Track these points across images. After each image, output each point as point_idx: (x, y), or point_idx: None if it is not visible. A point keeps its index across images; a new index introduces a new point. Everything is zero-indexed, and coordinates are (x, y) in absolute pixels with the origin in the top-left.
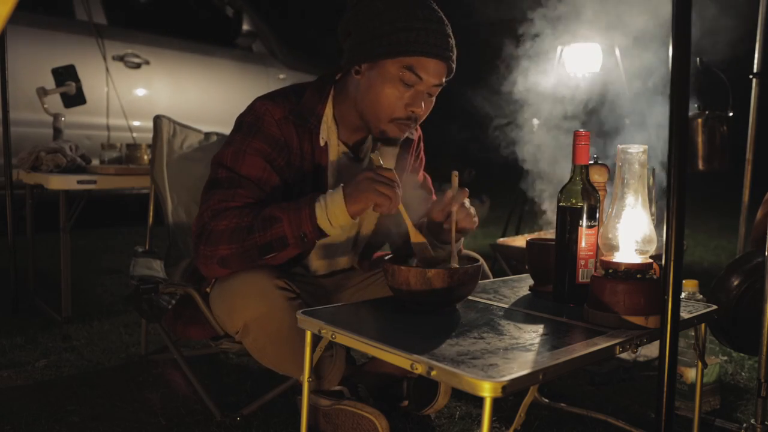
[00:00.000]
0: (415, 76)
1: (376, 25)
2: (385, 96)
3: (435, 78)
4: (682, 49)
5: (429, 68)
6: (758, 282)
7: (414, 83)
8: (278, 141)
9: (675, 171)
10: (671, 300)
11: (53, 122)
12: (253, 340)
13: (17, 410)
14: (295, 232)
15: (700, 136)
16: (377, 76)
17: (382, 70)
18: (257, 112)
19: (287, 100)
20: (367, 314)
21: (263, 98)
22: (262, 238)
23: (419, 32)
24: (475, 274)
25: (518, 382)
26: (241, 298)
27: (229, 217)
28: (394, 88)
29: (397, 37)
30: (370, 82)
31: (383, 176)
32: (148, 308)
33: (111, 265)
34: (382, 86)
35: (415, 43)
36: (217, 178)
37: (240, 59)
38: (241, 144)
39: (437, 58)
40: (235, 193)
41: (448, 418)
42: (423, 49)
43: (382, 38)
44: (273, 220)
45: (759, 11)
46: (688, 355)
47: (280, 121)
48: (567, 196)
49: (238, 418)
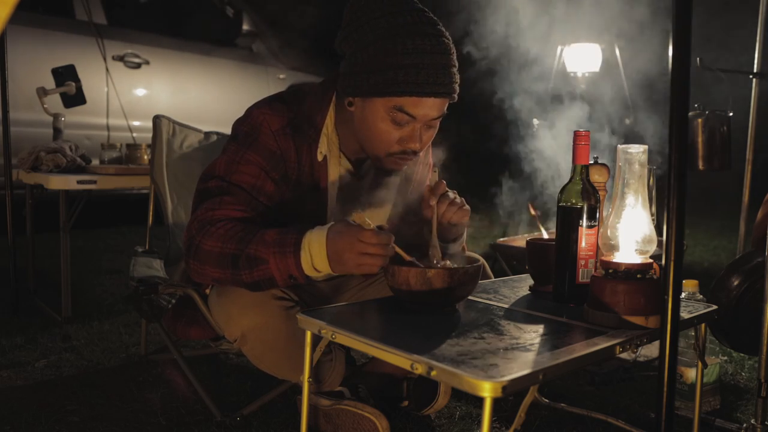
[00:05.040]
0: (407, 116)
1: (364, 58)
2: (378, 133)
3: (431, 113)
4: (682, 49)
5: (422, 107)
6: (758, 282)
7: (407, 122)
8: (274, 154)
9: (675, 171)
10: (671, 300)
11: (53, 122)
12: (250, 348)
13: (17, 410)
14: (283, 275)
15: (700, 136)
16: (369, 112)
17: (372, 107)
18: (254, 121)
19: (286, 108)
20: (367, 314)
21: (261, 105)
22: (249, 277)
23: (408, 70)
24: (475, 274)
25: (518, 382)
26: (238, 307)
27: (214, 237)
28: (387, 126)
29: (385, 76)
30: (363, 116)
31: (368, 245)
32: (148, 308)
33: (111, 265)
34: (374, 123)
35: (404, 84)
36: (207, 187)
37: (240, 59)
38: (234, 154)
39: (430, 96)
40: (221, 201)
41: (448, 418)
42: (413, 90)
43: (370, 75)
44: (258, 261)
45: (759, 11)
46: (688, 355)
47: (277, 133)
48: (567, 196)
49: (238, 418)
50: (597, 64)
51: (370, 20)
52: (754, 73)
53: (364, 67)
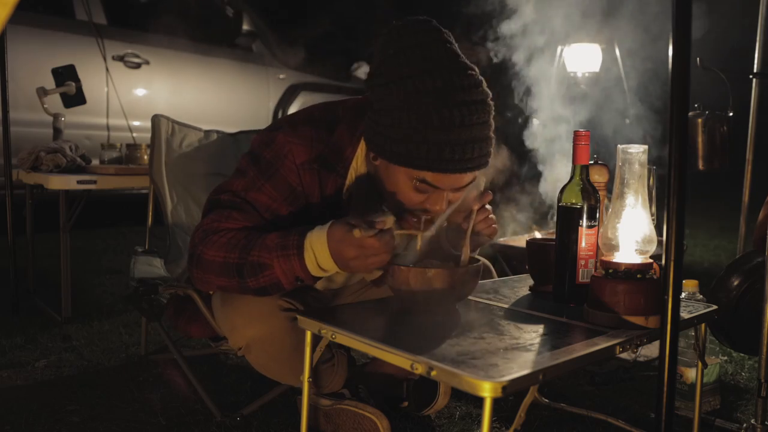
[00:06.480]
0: (429, 186)
1: (387, 122)
2: (401, 195)
3: (457, 184)
4: (682, 49)
5: (446, 180)
6: (758, 282)
7: (429, 191)
8: (294, 190)
9: (675, 171)
10: (671, 300)
11: (53, 122)
12: (254, 357)
13: (17, 410)
14: (289, 278)
15: (700, 136)
16: (392, 174)
17: (395, 171)
18: (278, 150)
19: (316, 135)
20: (367, 314)
21: (288, 129)
22: (254, 283)
23: (432, 147)
24: (476, 274)
25: (518, 382)
26: (242, 317)
27: (216, 246)
28: (409, 192)
29: (408, 148)
30: (386, 176)
31: (370, 250)
32: (149, 307)
33: (111, 265)
34: (396, 185)
35: (427, 160)
36: (218, 199)
37: (240, 59)
38: (253, 183)
39: (454, 173)
40: (229, 215)
41: (448, 418)
42: (436, 166)
43: (393, 143)
44: (262, 267)
45: (759, 11)
46: (688, 355)
47: (301, 167)
48: (567, 196)
49: (238, 418)
50: (597, 64)
51: (397, 79)
52: (755, 73)
53: (387, 131)
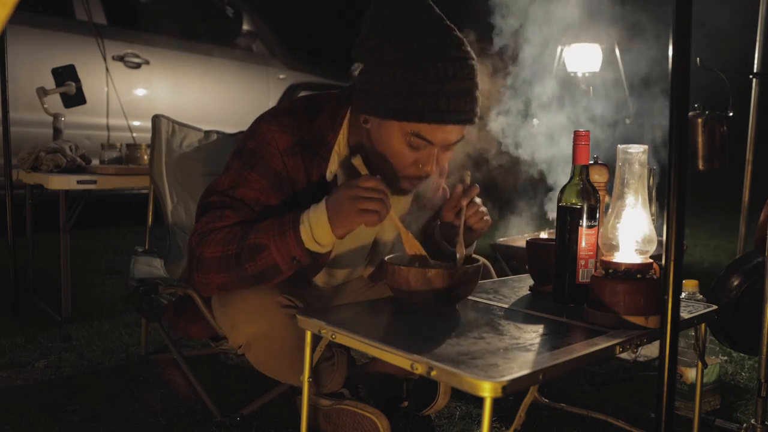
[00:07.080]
0: (423, 141)
1: (383, 80)
2: (393, 154)
3: (449, 138)
4: (682, 49)
5: (440, 133)
6: (758, 282)
7: (423, 147)
8: (280, 175)
9: (675, 171)
10: (671, 300)
11: (53, 122)
12: (254, 354)
13: (17, 410)
14: (285, 258)
15: (700, 136)
16: (385, 133)
17: (389, 129)
18: (261, 138)
19: (297, 124)
20: (367, 314)
21: (270, 119)
22: (253, 269)
23: (427, 98)
24: (476, 274)
25: (518, 382)
26: (242, 315)
27: (214, 243)
28: (403, 148)
29: (403, 102)
30: (378, 136)
31: (367, 189)
32: (148, 307)
33: (111, 265)
34: (390, 144)
35: (423, 111)
36: (209, 201)
37: (240, 59)
38: (238, 174)
39: (449, 124)
40: (222, 215)
41: (448, 418)
42: (432, 117)
43: (388, 98)
44: (259, 248)
45: (759, 11)
46: (688, 355)
47: (285, 153)
48: (567, 196)
49: (238, 418)
50: (597, 64)
51: (391, 38)
52: (755, 73)
53: (382, 88)
